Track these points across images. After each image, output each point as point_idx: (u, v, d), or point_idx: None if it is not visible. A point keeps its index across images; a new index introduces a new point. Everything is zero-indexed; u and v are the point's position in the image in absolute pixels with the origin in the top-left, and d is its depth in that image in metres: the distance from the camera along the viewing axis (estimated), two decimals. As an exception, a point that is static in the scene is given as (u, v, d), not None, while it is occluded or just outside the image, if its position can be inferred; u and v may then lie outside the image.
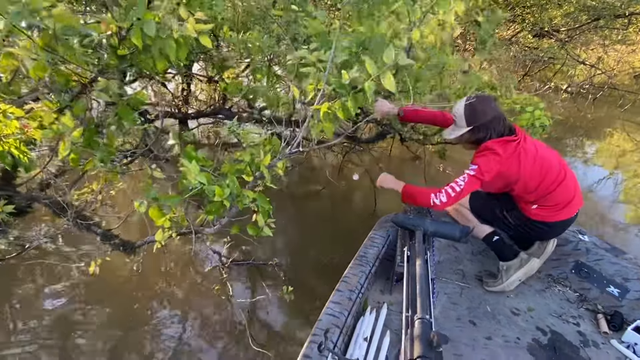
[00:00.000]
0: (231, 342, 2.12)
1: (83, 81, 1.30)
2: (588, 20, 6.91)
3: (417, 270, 1.27)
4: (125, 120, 1.43)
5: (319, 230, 3.15)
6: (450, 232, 1.64)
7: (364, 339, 1.45)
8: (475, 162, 1.67)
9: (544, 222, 1.79)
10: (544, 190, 1.71)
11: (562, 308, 1.86)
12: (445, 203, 1.67)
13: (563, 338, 1.69)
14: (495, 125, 1.68)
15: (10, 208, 1.58)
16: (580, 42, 7.89)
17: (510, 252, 1.89)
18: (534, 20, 6.84)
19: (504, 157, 1.64)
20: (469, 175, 1.66)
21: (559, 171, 1.73)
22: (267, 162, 1.28)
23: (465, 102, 1.71)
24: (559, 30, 7.39)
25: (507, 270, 1.87)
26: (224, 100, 3.58)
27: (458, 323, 1.73)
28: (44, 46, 1.08)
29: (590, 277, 1.93)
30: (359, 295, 1.53)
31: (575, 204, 1.78)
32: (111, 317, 2.21)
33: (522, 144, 1.68)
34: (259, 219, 1.30)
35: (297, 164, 4.03)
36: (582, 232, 2.04)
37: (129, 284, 2.39)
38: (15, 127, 1.19)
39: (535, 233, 1.88)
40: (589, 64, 8.18)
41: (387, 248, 1.88)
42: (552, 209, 1.76)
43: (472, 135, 1.72)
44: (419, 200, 1.76)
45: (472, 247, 2.22)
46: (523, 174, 1.67)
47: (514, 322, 1.76)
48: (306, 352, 1.21)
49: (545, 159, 1.72)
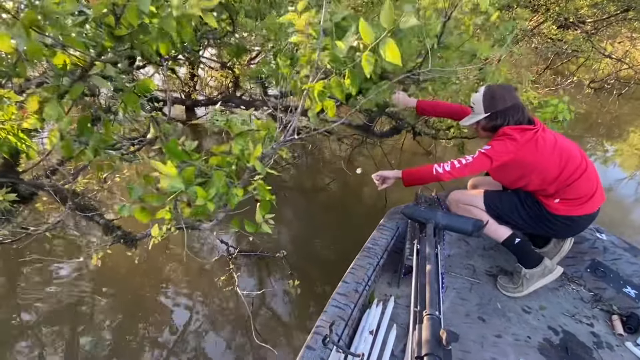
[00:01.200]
0: (235, 334, 2.12)
1: (82, 64, 1.18)
2: (617, 12, 6.61)
3: (426, 264, 1.23)
4: (130, 106, 1.33)
5: (327, 223, 3.12)
6: (463, 225, 1.59)
7: (370, 333, 1.43)
8: (490, 144, 1.62)
9: (568, 216, 1.68)
10: (564, 180, 1.62)
11: (576, 307, 1.81)
12: (448, 172, 1.61)
13: (576, 338, 1.64)
14: (513, 113, 1.63)
15: (12, 196, 1.52)
16: (607, 34, 7.54)
17: (534, 258, 1.78)
18: (559, 10, 6.56)
19: (520, 143, 1.58)
20: (479, 153, 1.61)
21: (581, 161, 1.64)
22: (258, 153, 1.10)
23: (485, 89, 1.67)
24: (585, 22, 7.09)
25: (529, 279, 1.78)
26: (235, 87, 3.55)
27: (467, 319, 1.70)
28: (29, 25, 0.94)
29: (606, 277, 1.87)
30: (365, 287, 1.51)
31: (598, 197, 1.68)
32: (116, 304, 2.23)
33: (541, 133, 1.61)
34: (257, 212, 1.16)
35: (305, 155, 3.99)
36: (599, 230, 1.97)
37: (135, 272, 2.40)
38: (12, 112, 1.12)
39: (558, 229, 1.76)
40: (615, 58, 7.81)
41: (395, 240, 1.84)
42: (576, 202, 1.66)
43: (490, 121, 1.68)
44: (421, 174, 1.70)
45: (484, 242, 2.17)
46: (540, 162, 1.60)
47: (524, 320, 1.71)
48: (310, 344, 1.19)
49: (565, 148, 1.64)
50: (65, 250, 2.50)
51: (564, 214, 1.68)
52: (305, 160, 3.99)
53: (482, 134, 1.78)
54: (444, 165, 1.63)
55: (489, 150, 1.60)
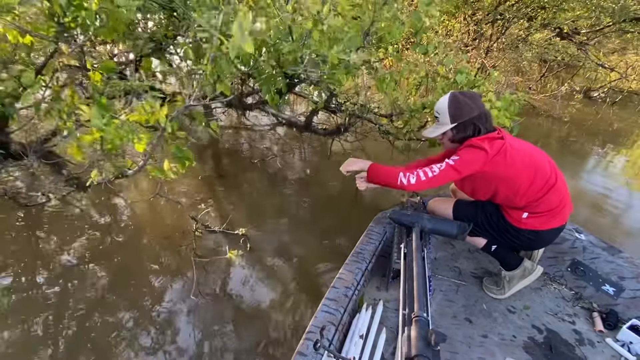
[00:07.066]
0: (178, 289, 2.24)
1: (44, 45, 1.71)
2: (609, 23, 6.77)
3: (414, 267, 1.25)
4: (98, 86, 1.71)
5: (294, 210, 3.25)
6: (448, 229, 1.62)
7: (360, 337, 1.44)
8: (458, 154, 1.55)
9: (533, 230, 1.63)
10: (534, 194, 1.57)
11: (558, 306, 1.86)
12: (413, 185, 1.56)
13: (559, 336, 1.69)
14: (481, 122, 1.57)
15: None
16: (602, 44, 7.73)
17: (513, 261, 1.81)
18: (548, 20, 6.73)
19: (490, 154, 1.51)
20: (447, 164, 1.53)
21: (550, 173, 1.58)
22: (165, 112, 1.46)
23: (449, 97, 1.60)
24: (580, 33, 7.29)
25: (509, 281, 1.82)
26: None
27: (454, 321, 1.73)
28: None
29: (586, 276, 1.93)
30: (355, 292, 1.52)
31: (566, 209, 1.65)
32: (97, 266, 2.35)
33: (509, 141, 1.55)
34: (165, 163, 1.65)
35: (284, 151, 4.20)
36: (578, 231, 2.04)
37: (118, 237, 2.60)
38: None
39: (522, 242, 1.72)
40: (608, 67, 8.07)
41: (383, 244, 1.87)
42: (544, 215, 1.61)
43: (457, 133, 1.61)
44: (385, 179, 1.64)
45: (469, 245, 2.22)
46: (510, 173, 1.54)
47: (510, 320, 1.76)
48: (301, 350, 1.19)
49: (535, 158, 1.58)
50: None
51: (529, 229, 1.64)
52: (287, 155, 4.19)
53: (448, 145, 1.70)
54: (409, 176, 1.57)
55: (457, 162, 1.53)
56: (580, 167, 4.91)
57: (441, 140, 1.70)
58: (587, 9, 6.53)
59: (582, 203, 3.76)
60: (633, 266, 1.82)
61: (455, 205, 1.84)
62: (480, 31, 6.81)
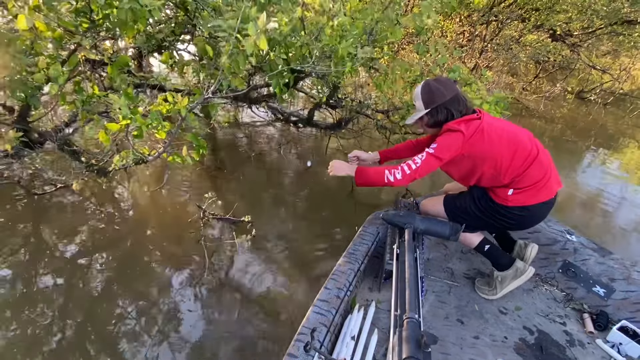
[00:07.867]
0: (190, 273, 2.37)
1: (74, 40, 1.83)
2: (601, 26, 6.86)
3: (406, 268, 1.25)
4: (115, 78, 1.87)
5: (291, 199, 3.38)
6: (441, 230, 1.62)
7: (352, 338, 1.43)
8: (436, 141, 1.58)
9: (522, 206, 1.63)
10: (517, 168, 1.57)
11: (549, 307, 1.87)
12: (400, 180, 1.58)
13: (550, 337, 1.69)
14: (454, 105, 1.59)
15: (19, 135, 2.03)
16: (594, 46, 7.84)
17: (505, 260, 1.82)
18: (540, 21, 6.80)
19: (466, 135, 1.53)
20: (427, 154, 1.56)
21: (532, 147, 1.59)
22: (186, 103, 1.62)
23: (422, 84, 1.64)
24: (572, 35, 7.36)
25: (501, 282, 1.83)
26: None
27: (446, 322, 1.72)
28: (34, 8, 1.47)
29: (577, 277, 1.94)
30: (347, 293, 1.51)
31: (552, 183, 1.63)
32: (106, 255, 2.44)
33: (486, 121, 1.56)
34: (184, 150, 1.88)
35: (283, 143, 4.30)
36: (570, 232, 2.05)
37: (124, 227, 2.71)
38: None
39: (514, 221, 1.69)
40: (600, 69, 8.19)
41: (376, 245, 1.86)
42: (530, 190, 1.60)
43: (431, 117, 1.63)
44: (373, 179, 1.67)
45: (462, 246, 2.22)
46: (490, 151, 1.55)
47: (501, 321, 1.76)
48: (292, 352, 1.18)
49: (513, 135, 1.58)
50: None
51: (518, 205, 1.63)
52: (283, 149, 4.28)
53: (428, 130, 1.74)
54: (394, 172, 1.59)
55: (436, 149, 1.55)
56: (572, 166, 4.98)
57: (420, 126, 1.74)
58: (580, 12, 6.60)
59: (574, 203, 3.80)
60: (623, 268, 1.83)
61: (445, 199, 1.85)
62: (474, 32, 6.85)
